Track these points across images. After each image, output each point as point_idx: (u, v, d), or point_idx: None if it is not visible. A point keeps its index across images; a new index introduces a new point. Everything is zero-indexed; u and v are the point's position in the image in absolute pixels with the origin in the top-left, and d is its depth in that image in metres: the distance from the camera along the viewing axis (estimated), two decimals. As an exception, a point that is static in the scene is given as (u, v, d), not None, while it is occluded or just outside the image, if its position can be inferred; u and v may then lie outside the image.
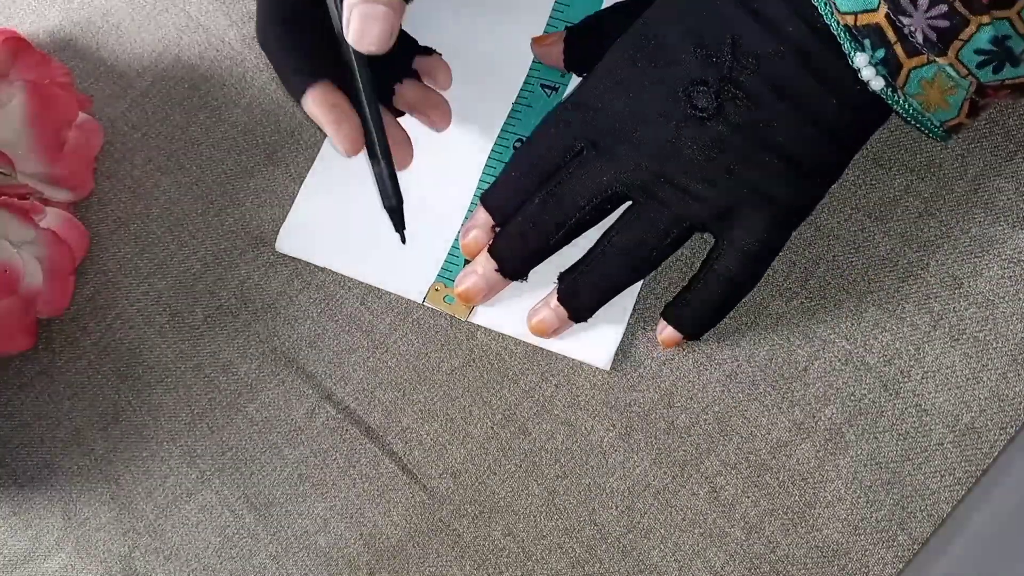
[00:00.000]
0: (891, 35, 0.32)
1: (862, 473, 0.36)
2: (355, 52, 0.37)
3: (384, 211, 0.40)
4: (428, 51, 0.43)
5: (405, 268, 0.42)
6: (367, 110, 0.38)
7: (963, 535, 0.34)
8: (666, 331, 0.38)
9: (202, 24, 0.49)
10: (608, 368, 0.39)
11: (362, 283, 0.43)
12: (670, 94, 0.36)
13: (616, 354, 0.39)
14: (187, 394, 0.43)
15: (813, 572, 0.36)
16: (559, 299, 0.39)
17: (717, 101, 0.35)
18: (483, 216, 0.40)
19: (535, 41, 0.43)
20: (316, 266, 0.43)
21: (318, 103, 0.37)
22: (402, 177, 0.41)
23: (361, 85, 0.38)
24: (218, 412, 0.43)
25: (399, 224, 0.40)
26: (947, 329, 0.37)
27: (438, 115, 0.43)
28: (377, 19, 0.35)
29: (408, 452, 0.40)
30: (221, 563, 0.41)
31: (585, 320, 0.39)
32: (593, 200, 0.37)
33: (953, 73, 0.32)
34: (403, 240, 0.41)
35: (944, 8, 0.30)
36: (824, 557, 0.35)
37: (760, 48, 0.34)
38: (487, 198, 0.40)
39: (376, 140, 0.38)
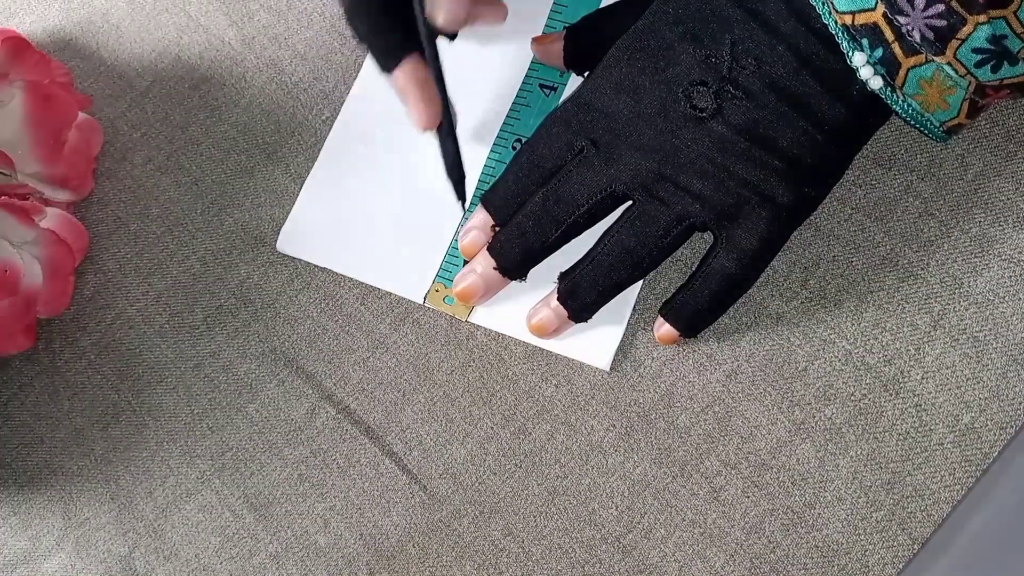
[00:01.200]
0: (889, 34, 0.32)
1: (862, 473, 0.36)
2: (428, 30, 0.37)
3: (388, 206, 0.41)
4: None
5: (405, 269, 0.42)
6: (440, 85, 0.38)
7: (963, 535, 0.34)
8: (663, 328, 0.38)
9: (202, 24, 0.49)
10: (608, 369, 0.39)
11: (362, 283, 0.43)
12: (670, 94, 0.36)
13: (616, 354, 0.39)
14: (187, 394, 0.43)
15: (813, 572, 0.35)
16: (559, 299, 0.39)
17: (717, 101, 0.35)
18: (482, 216, 0.40)
19: (535, 41, 0.43)
20: (316, 266, 0.43)
21: (409, 77, 0.38)
22: (401, 178, 0.42)
23: (434, 62, 0.38)
24: (218, 412, 0.43)
25: (462, 195, 0.40)
26: (947, 329, 0.37)
27: (492, 13, 0.42)
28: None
29: (408, 452, 0.40)
30: (221, 563, 0.41)
31: (585, 320, 0.39)
32: (593, 199, 0.37)
33: (952, 72, 0.32)
34: (464, 209, 0.41)
35: (941, 7, 0.30)
36: (824, 557, 0.35)
37: (759, 49, 0.34)
38: (487, 198, 0.40)
39: (445, 114, 0.39)
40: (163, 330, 0.44)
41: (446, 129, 0.39)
